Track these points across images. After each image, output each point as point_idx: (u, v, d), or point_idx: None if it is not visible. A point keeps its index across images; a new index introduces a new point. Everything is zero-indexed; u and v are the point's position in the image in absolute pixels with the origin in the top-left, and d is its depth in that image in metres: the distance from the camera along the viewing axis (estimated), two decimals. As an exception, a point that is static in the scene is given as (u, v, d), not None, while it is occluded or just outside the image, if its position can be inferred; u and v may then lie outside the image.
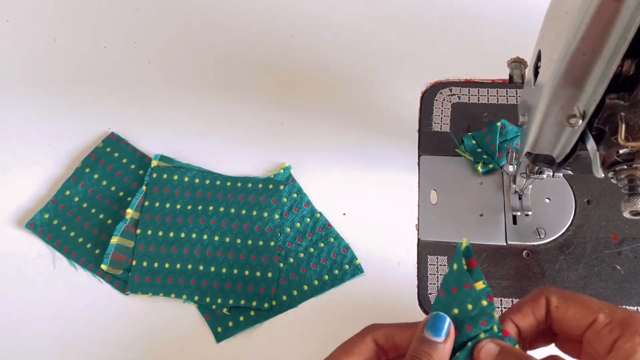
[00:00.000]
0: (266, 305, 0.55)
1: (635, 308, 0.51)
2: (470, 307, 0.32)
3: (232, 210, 0.59)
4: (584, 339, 0.32)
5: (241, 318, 0.55)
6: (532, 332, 0.34)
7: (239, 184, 0.60)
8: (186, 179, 0.60)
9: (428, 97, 0.63)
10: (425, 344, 0.32)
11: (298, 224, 0.58)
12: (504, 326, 0.33)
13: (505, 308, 0.53)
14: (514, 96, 0.61)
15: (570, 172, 0.40)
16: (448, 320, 0.33)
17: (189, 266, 0.57)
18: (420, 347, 0.32)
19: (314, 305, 0.55)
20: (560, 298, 0.33)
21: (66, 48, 0.71)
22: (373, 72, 0.66)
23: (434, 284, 0.54)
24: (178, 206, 0.59)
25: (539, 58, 0.36)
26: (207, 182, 0.60)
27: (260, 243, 0.57)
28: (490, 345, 0.32)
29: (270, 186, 0.59)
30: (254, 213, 0.58)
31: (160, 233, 0.58)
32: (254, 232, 0.58)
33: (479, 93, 0.62)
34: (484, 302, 0.32)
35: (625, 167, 0.33)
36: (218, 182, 0.60)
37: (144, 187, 0.60)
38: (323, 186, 0.60)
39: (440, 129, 0.61)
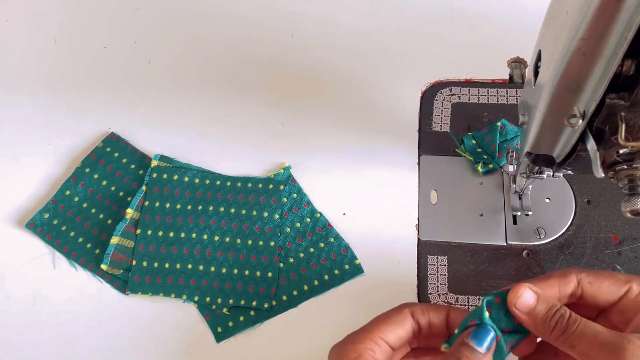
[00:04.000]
0: (266, 305, 0.55)
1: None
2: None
3: (232, 210, 0.59)
4: (615, 307, 0.35)
5: (241, 318, 0.55)
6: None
7: (239, 184, 0.60)
8: (186, 179, 0.60)
9: (428, 97, 0.63)
10: (468, 349, 0.34)
11: (298, 224, 0.58)
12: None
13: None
14: (514, 96, 0.61)
15: (570, 172, 0.40)
16: (492, 335, 0.35)
17: (189, 266, 0.57)
18: (462, 350, 0.35)
19: (314, 305, 0.55)
20: (591, 275, 0.36)
21: (66, 48, 0.71)
22: (373, 72, 0.66)
23: (434, 284, 0.54)
24: (178, 206, 0.59)
25: (539, 58, 0.36)
26: (207, 182, 0.60)
27: (260, 243, 0.57)
28: (527, 292, 0.35)
29: (270, 186, 0.59)
30: (254, 213, 0.58)
31: (160, 233, 0.58)
32: (254, 232, 0.58)
33: (479, 93, 0.62)
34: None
35: (625, 167, 0.33)
36: (218, 182, 0.60)
37: (144, 187, 0.60)
38: (323, 186, 0.60)
39: (440, 129, 0.61)
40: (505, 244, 0.55)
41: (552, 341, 0.34)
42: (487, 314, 0.36)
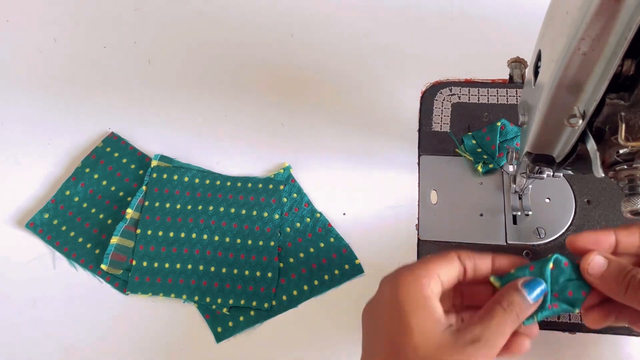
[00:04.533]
0: (266, 305, 0.55)
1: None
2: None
3: (232, 210, 0.59)
4: None
5: (241, 318, 0.55)
6: (629, 252, 0.37)
7: (238, 184, 0.60)
8: (186, 179, 0.60)
9: (428, 97, 0.63)
10: (519, 295, 0.36)
11: (298, 224, 0.58)
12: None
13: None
14: (514, 96, 0.61)
15: (570, 172, 0.40)
16: (544, 288, 0.36)
17: (189, 266, 0.57)
18: (512, 294, 0.36)
19: (314, 305, 0.55)
20: None
21: (66, 48, 0.71)
22: (373, 71, 0.66)
23: (434, 284, 0.54)
24: (178, 206, 0.59)
25: (539, 58, 0.36)
26: (207, 182, 0.60)
27: (260, 243, 0.57)
28: (598, 258, 0.36)
29: (270, 186, 0.59)
30: (254, 213, 0.58)
31: (160, 233, 0.58)
32: (254, 232, 0.58)
33: (479, 93, 0.62)
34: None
35: (625, 167, 0.33)
36: (218, 182, 0.60)
37: (144, 187, 0.60)
38: (323, 186, 0.60)
39: (440, 129, 0.61)
40: (505, 244, 0.55)
41: (628, 301, 0.35)
42: (551, 265, 0.37)
